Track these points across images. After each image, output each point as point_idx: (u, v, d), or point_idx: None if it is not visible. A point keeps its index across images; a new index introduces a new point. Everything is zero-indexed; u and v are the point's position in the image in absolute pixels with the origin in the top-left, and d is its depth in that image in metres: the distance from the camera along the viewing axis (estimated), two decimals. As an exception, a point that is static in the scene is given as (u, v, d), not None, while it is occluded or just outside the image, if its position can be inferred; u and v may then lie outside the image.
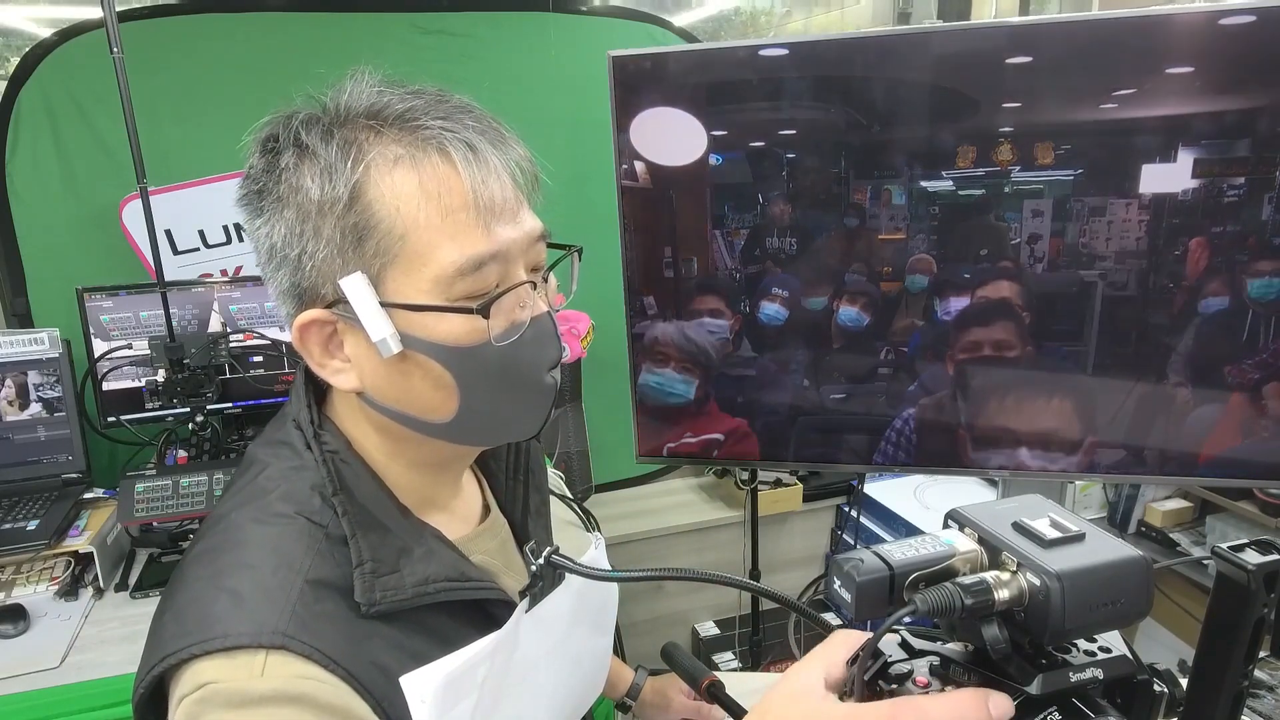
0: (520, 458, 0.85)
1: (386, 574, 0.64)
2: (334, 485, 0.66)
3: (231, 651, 0.58)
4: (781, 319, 1.63)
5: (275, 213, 0.63)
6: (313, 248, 0.62)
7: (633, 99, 1.56)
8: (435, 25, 2.08)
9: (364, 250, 0.61)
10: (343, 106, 0.64)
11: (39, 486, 1.78)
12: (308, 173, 0.61)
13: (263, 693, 0.57)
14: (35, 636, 1.50)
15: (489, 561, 0.76)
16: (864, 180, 1.54)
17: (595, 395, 2.04)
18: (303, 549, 0.63)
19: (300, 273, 0.63)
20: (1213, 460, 1.50)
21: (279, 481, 0.67)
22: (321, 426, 0.70)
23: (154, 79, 1.85)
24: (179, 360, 1.72)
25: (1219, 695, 0.59)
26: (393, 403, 0.66)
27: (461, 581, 0.69)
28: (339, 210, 0.61)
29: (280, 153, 0.63)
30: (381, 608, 0.63)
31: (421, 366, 0.64)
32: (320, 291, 0.64)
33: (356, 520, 0.65)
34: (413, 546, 0.67)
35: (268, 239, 0.64)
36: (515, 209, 0.65)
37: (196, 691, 0.57)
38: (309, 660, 0.59)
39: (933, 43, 1.45)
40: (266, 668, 0.58)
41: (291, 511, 0.65)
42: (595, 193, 1.82)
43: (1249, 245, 1.40)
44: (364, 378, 0.66)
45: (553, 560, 0.75)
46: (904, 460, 1.63)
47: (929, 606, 0.50)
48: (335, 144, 0.61)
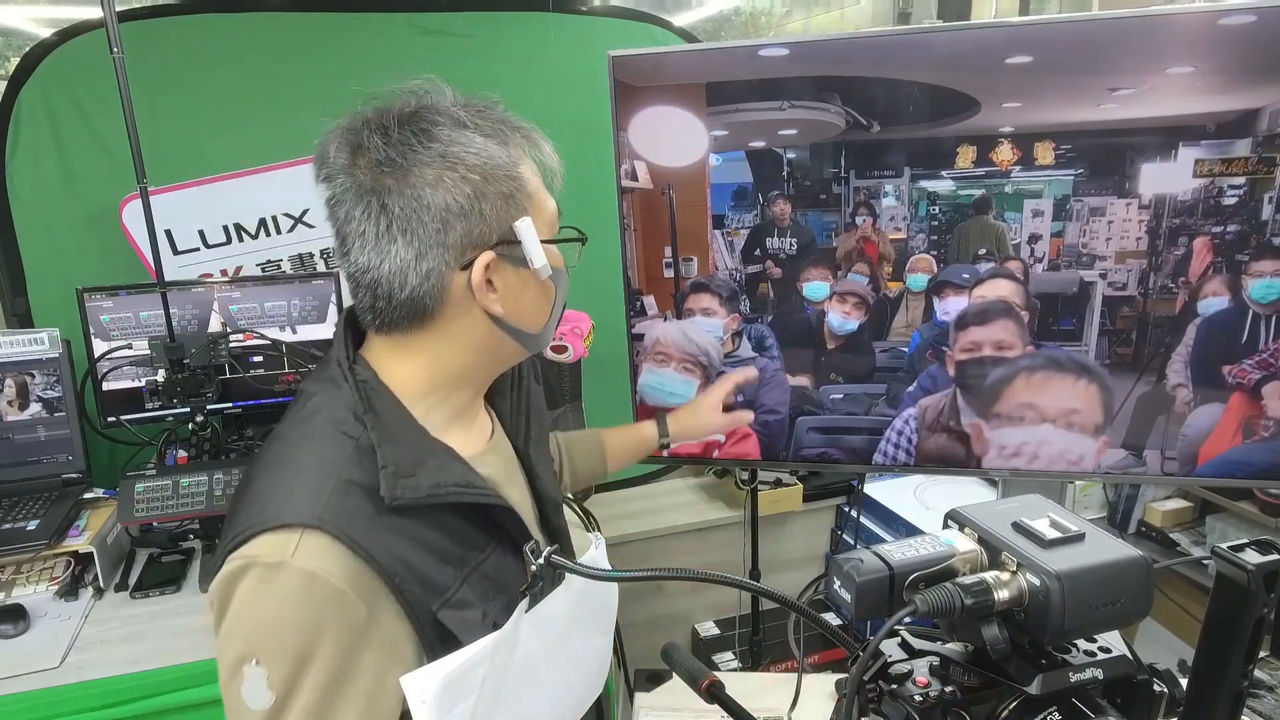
0: (522, 395, 1.01)
1: (406, 476, 0.76)
2: (364, 406, 0.80)
3: (275, 530, 0.71)
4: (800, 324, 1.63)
5: (451, 172, 0.76)
6: (485, 206, 0.78)
7: (633, 99, 1.56)
8: (435, 25, 2.08)
9: (516, 203, 0.80)
10: (450, 109, 0.79)
11: (39, 486, 1.78)
12: (474, 145, 0.77)
13: (292, 566, 0.70)
14: (35, 636, 1.50)
15: (493, 474, 0.88)
16: (864, 180, 1.54)
17: (595, 395, 2.04)
18: (340, 456, 0.77)
19: (477, 220, 0.78)
20: (1213, 460, 1.50)
21: (321, 407, 0.81)
22: (355, 362, 0.84)
23: (154, 79, 1.85)
24: (179, 360, 1.72)
25: (1219, 695, 0.58)
26: (513, 318, 0.83)
27: (468, 487, 0.81)
28: (501, 175, 0.78)
29: (437, 126, 0.77)
30: (401, 502, 0.75)
31: (545, 288, 0.85)
32: (486, 237, 0.79)
33: (381, 434, 0.78)
34: (428, 458, 0.80)
35: (445, 198, 0.76)
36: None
37: (240, 561, 0.71)
38: (336, 540, 0.71)
39: (933, 43, 1.45)
40: (300, 545, 0.70)
41: (331, 428, 0.79)
42: (595, 193, 1.81)
43: (1249, 245, 1.40)
44: (505, 303, 0.82)
45: (553, 560, 0.76)
46: (904, 460, 1.63)
47: (929, 607, 0.50)
48: (488, 124, 0.79)
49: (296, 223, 2.03)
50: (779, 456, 1.70)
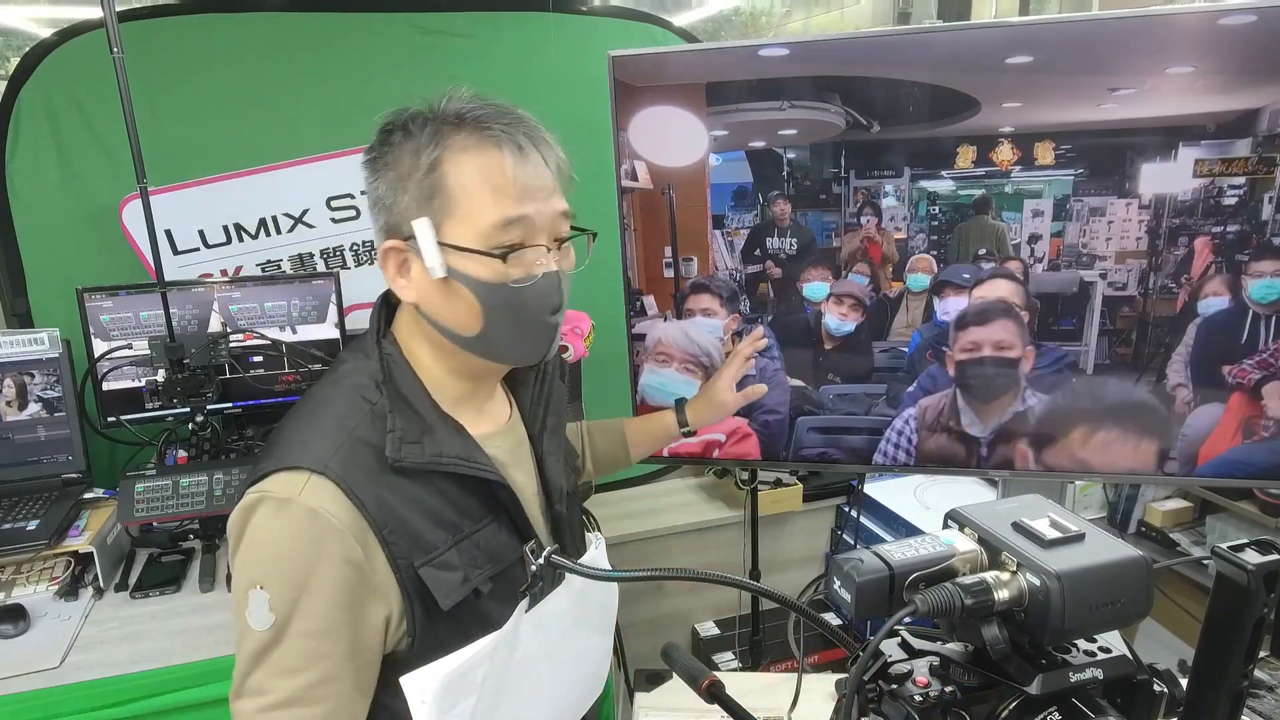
0: (544, 388, 1.07)
1: (411, 442, 0.85)
2: (384, 375, 0.89)
3: (289, 470, 0.82)
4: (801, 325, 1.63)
5: (381, 174, 0.88)
6: (400, 199, 0.87)
7: (633, 99, 1.56)
8: (435, 25, 2.08)
9: (432, 206, 0.85)
10: (440, 109, 0.88)
11: (39, 486, 1.78)
12: (405, 149, 0.87)
13: (298, 507, 0.79)
14: (35, 636, 1.50)
15: (500, 455, 0.95)
16: (864, 180, 1.54)
17: (595, 395, 2.04)
18: (356, 416, 0.87)
19: (390, 215, 0.88)
20: (1213, 460, 1.50)
21: (349, 373, 0.92)
22: (384, 336, 0.93)
23: (154, 79, 1.85)
24: (179, 360, 1.72)
25: (1219, 695, 0.59)
26: (436, 315, 0.90)
27: (469, 461, 0.89)
28: (419, 176, 0.85)
29: (392, 133, 0.88)
30: (404, 464, 0.84)
31: (458, 292, 0.87)
32: (401, 229, 0.87)
33: (395, 402, 0.88)
34: (436, 429, 0.88)
35: (374, 190, 0.89)
36: (548, 193, 0.89)
37: (256, 494, 0.81)
38: (338, 486, 0.81)
39: (933, 43, 1.45)
40: (307, 486, 0.80)
41: (354, 392, 0.89)
42: (595, 193, 1.81)
43: (1249, 245, 1.40)
44: (419, 294, 0.89)
45: (553, 560, 0.76)
46: (904, 460, 1.63)
47: (929, 607, 0.50)
48: (427, 132, 0.86)
49: (296, 223, 2.03)
50: (779, 456, 1.70)
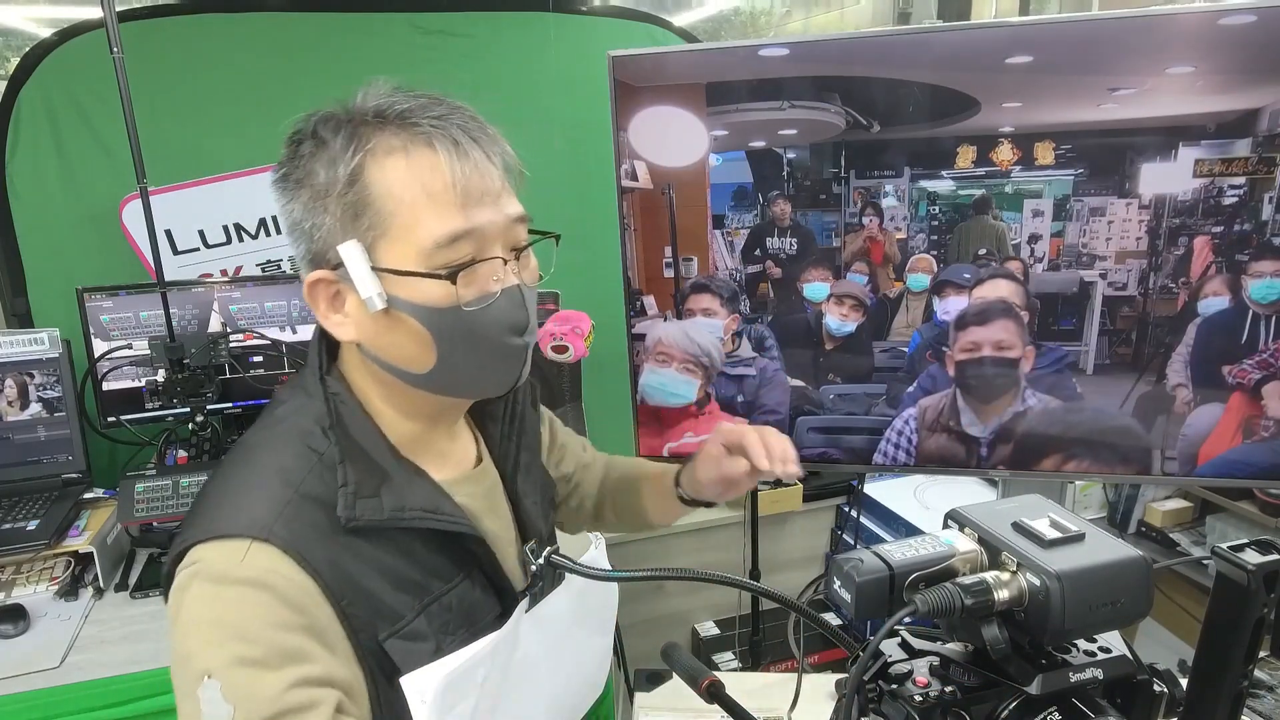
0: (515, 420, 0.94)
1: (367, 497, 0.74)
2: (331, 419, 0.77)
3: (225, 539, 0.70)
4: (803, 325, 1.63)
5: (295, 193, 0.74)
6: (320, 221, 0.73)
7: (633, 99, 1.56)
8: (435, 25, 2.08)
9: (360, 224, 0.71)
10: (355, 107, 0.74)
11: (39, 486, 1.78)
12: (319, 160, 0.72)
13: (239, 576, 0.68)
14: (35, 636, 1.50)
15: (471, 504, 0.83)
16: (864, 180, 1.54)
17: (595, 395, 2.04)
18: (301, 468, 0.74)
19: (312, 241, 0.74)
20: (1213, 460, 1.50)
21: (290, 415, 0.79)
22: (328, 372, 0.80)
23: (154, 79, 1.85)
24: (179, 360, 1.72)
25: (1219, 695, 0.59)
26: (382, 354, 0.77)
27: (435, 513, 0.77)
28: (340, 189, 0.71)
29: (302, 143, 0.74)
30: (359, 524, 0.73)
31: (404, 323, 0.73)
32: (327, 257, 0.74)
33: (346, 450, 0.76)
34: (394, 478, 0.77)
35: (290, 215, 0.75)
36: (496, 195, 0.74)
37: (190, 566, 0.70)
38: (285, 554, 0.69)
39: (933, 43, 1.45)
40: (248, 555, 0.69)
41: (296, 439, 0.77)
42: (595, 193, 1.81)
43: (1249, 245, 1.40)
44: (360, 330, 0.76)
45: (553, 560, 0.76)
46: (904, 460, 1.63)
47: (929, 607, 0.50)
48: (342, 136, 0.72)
49: (296, 223, 2.03)
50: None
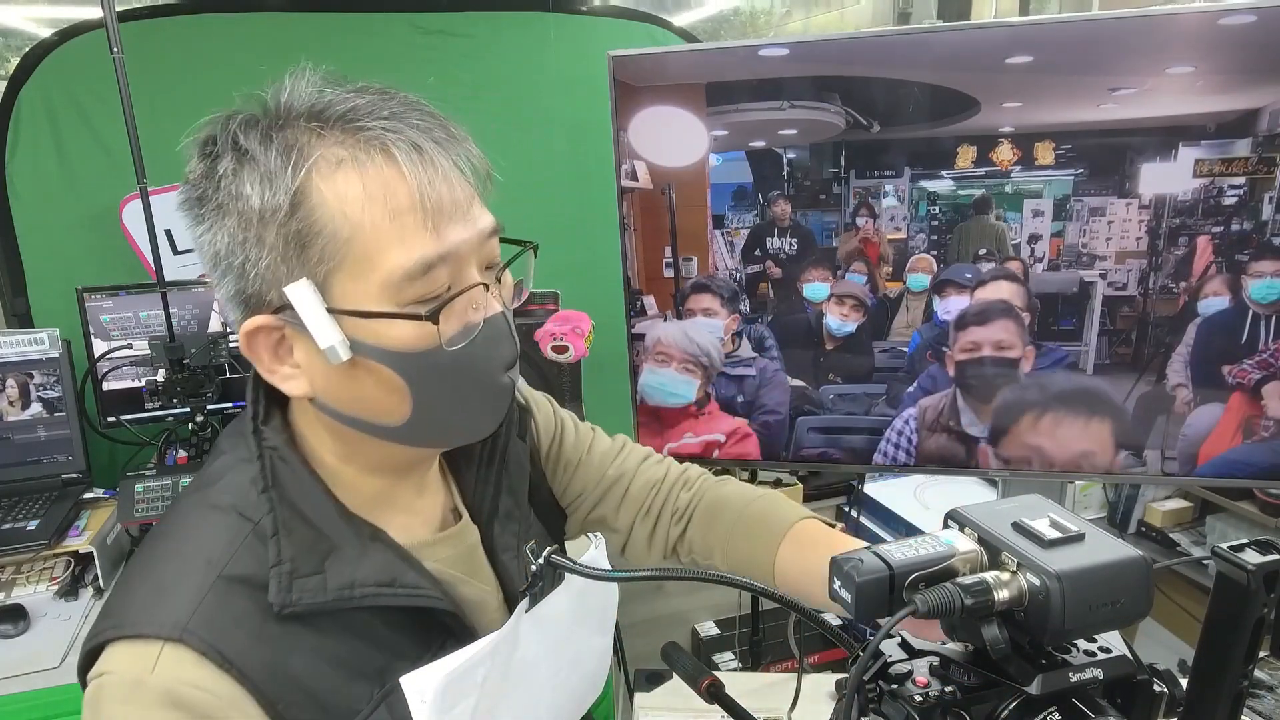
0: (495, 459, 0.80)
1: (306, 575, 0.63)
2: (265, 481, 0.65)
3: (134, 640, 0.60)
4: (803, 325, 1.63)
5: (216, 220, 0.61)
6: (256, 255, 0.60)
7: (633, 99, 1.56)
8: (435, 25, 2.08)
9: (308, 256, 0.59)
10: (283, 107, 0.62)
11: (39, 486, 1.78)
12: (248, 179, 0.59)
13: (148, 694, 0.58)
14: (35, 636, 1.50)
15: (445, 570, 0.73)
16: (864, 180, 1.54)
17: (595, 395, 2.04)
18: (225, 543, 0.63)
19: (245, 280, 0.61)
20: (1213, 460, 1.50)
21: (225, 472, 0.67)
22: (266, 423, 0.68)
23: (154, 79, 1.84)
24: (179, 360, 1.72)
25: (1219, 695, 0.58)
26: (345, 408, 0.65)
27: (392, 587, 0.66)
28: (281, 217, 0.59)
29: (219, 158, 0.61)
30: (297, 609, 0.62)
31: (373, 372, 0.62)
32: (266, 298, 0.61)
33: (283, 518, 0.64)
34: (343, 548, 0.66)
35: (210, 246, 0.61)
36: (466, 207, 0.63)
37: (98, 679, 0.60)
38: (203, 657, 0.59)
39: (933, 43, 1.45)
40: (159, 662, 0.59)
41: (227, 504, 0.65)
42: (595, 193, 1.81)
43: (1249, 245, 1.40)
44: (315, 383, 0.64)
45: (553, 560, 0.75)
46: (904, 460, 1.63)
47: (929, 607, 0.50)
48: (275, 148, 0.59)
49: (296, 223, 2.03)
50: (779, 456, 1.70)
